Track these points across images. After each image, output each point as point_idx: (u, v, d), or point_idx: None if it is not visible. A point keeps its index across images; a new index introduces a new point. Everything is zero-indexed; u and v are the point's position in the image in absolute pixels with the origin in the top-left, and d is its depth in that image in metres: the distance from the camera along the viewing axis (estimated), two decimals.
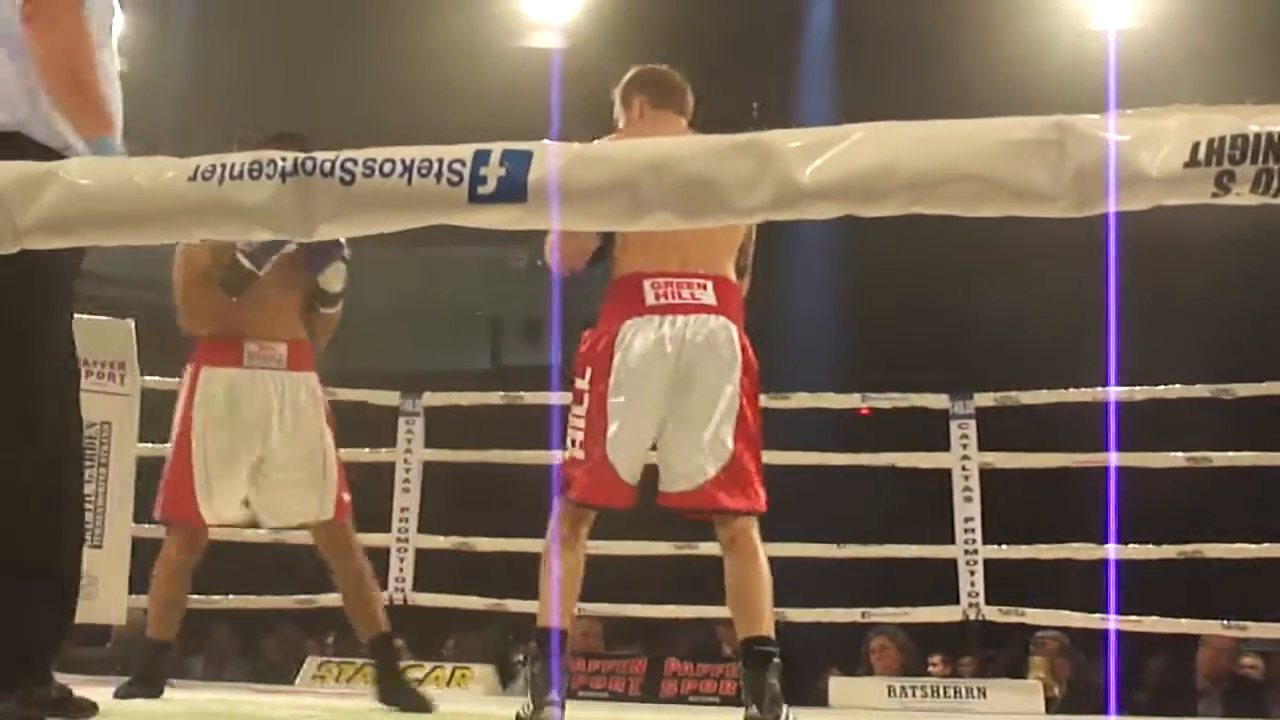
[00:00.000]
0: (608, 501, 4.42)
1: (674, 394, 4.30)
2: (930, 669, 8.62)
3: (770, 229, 3.65)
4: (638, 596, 7.93)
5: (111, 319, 7.61)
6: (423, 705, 5.30)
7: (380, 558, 8.03)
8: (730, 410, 4.32)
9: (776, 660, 4.19)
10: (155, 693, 5.47)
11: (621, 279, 4.39)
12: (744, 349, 4.39)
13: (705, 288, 4.35)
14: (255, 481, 5.45)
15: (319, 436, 5.45)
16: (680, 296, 4.33)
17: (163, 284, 5.69)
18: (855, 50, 12.67)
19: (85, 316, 7.43)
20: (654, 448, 4.40)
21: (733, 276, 4.45)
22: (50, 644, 3.66)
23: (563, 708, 4.21)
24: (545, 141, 2.18)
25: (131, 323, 7.66)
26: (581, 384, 4.41)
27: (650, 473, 4.45)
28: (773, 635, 4.26)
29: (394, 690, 5.39)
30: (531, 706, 4.22)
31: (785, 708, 4.10)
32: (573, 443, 4.44)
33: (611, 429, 4.31)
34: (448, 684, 7.39)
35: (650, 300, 4.32)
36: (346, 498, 5.48)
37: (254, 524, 5.93)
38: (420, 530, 7.82)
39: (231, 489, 5.41)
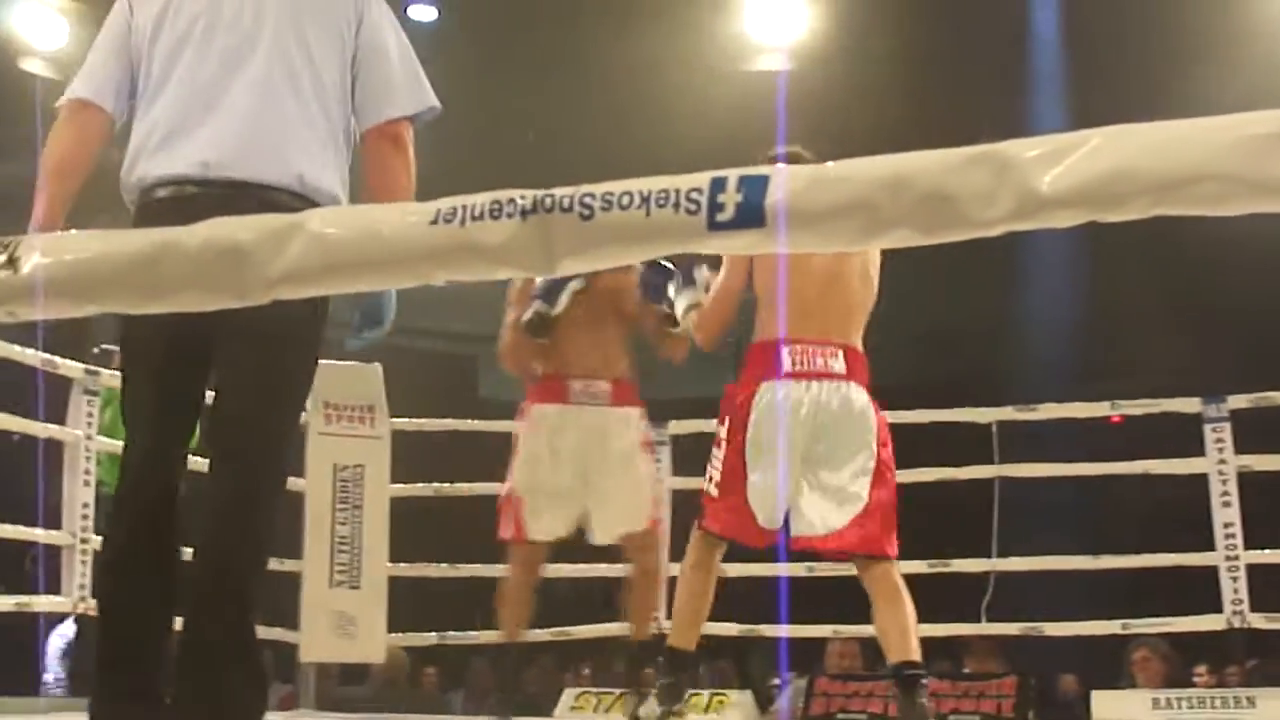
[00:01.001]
0: (741, 539, 4.93)
1: (809, 452, 4.72)
2: (1195, 679, 8.42)
3: (1008, 241, 3.61)
4: None
5: (359, 363, 7.78)
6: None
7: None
8: (865, 468, 4.72)
9: (925, 682, 4.68)
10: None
11: (760, 343, 4.82)
12: (876, 410, 4.81)
13: (837, 356, 4.77)
14: (584, 505, 5.92)
15: (636, 464, 5.90)
16: (814, 364, 4.74)
17: (403, 327, 5.87)
18: (1084, 57, 12.48)
19: (333, 362, 7.66)
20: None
21: (860, 346, 4.87)
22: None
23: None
24: (781, 165, 2.19)
25: (379, 366, 7.83)
26: (721, 431, 4.88)
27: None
28: (919, 659, 4.73)
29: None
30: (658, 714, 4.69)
31: None
32: (710, 479, 4.93)
33: (753, 478, 4.75)
34: (705, 710, 7.40)
35: (787, 366, 4.73)
36: (653, 516, 5.99)
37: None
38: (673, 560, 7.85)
39: (560, 511, 5.89)
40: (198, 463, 3.78)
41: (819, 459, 4.72)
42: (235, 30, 3.68)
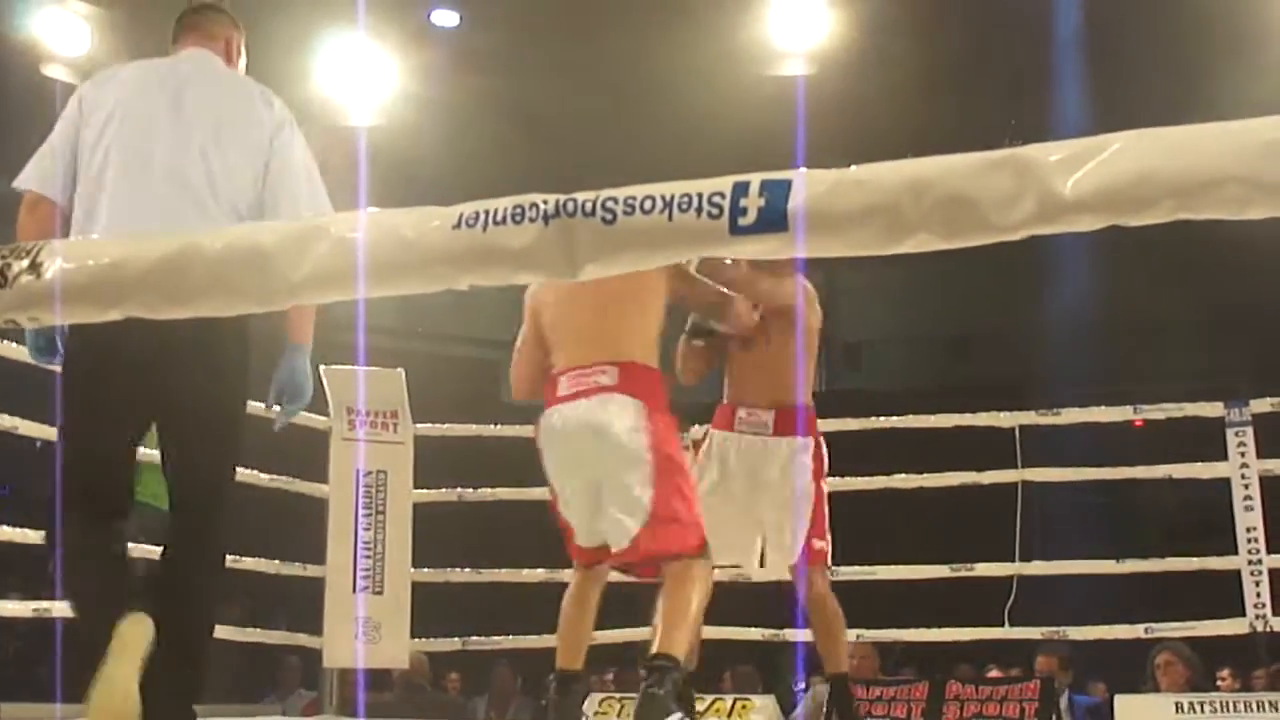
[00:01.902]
0: (578, 558, 5.12)
1: (590, 468, 4.85)
2: (1219, 684, 8.39)
3: (1030, 245, 3.61)
4: (913, 620, 7.89)
5: (383, 369, 7.79)
6: None
7: (656, 591, 8.08)
8: (645, 474, 4.75)
9: (671, 677, 4.55)
10: None
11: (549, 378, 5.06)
12: (653, 414, 4.78)
13: (606, 372, 4.81)
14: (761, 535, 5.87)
15: (796, 494, 5.75)
16: (586, 384, 4.84)
17: (427, 332, 5.93)
18: (1108, 61, 12.45)
19: (358, 367, 7.68)
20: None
21: (647, 361, 4.89)
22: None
23: None
24: (803, 169, 2.19)
25: (402, 371, 7.84)
26: None
27: None
28: (672, 654, 4.64)
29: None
30: None
31: None
32: None
33: (562, 499, 5.01)
34: (729, 716, 7.39)
35: (563, 391, 4.91)
36: (819, 544, 5.74)
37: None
38: None
39: (725, 539, 5.66)
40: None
41: (602, 472, 4.79)
42: (164, 146, 4.19)
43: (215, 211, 4.15)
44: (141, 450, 4.65)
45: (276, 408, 4.38)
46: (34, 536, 6.92)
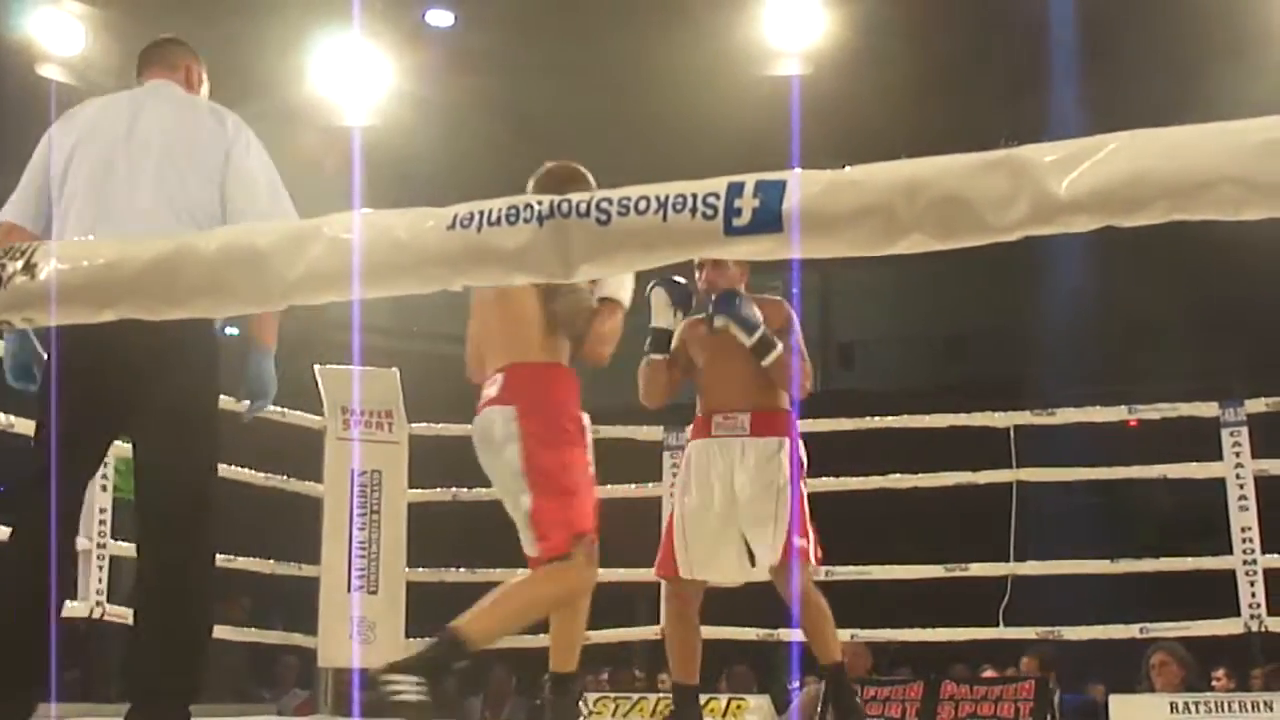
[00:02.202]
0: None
1: (494, 480, 5.08)
2: (1215, 684, 8.39)
3: (1025, 245, 3.61)
4: (908, 620, 7.89)
5: (378, 368, 7.79)
6: None
7: (651, 592, 8.10)
8: (519, 480, 4.90)
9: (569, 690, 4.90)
10: None
11: None
12: (522, 415, 4.87)
13: (495, 383, 4.97)
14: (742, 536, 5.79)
15: (775, 493, 5.71)
16: (483, 397, 5.04)
17: (422, 332, 5.94)
18: (1104, 61, 12.46)
19: (353, 367, 7.68)
20: None
21: (534, 359, 4.93)
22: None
23: None
24: (798, 170, 2.18)
25: (397, 371, 7.84)
26: None
27: None
28: (566, 672, 5.05)
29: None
30: None
31: None
32: None
33: None
34: (724, 716, 7.40)
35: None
36: (799, 542, 5.66)
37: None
38: None
39: (713, 547, 5.79)
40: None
41: (499, 486, 5.03)
42: (120, 175, 4.42)
43: (177, 231, 4.27)
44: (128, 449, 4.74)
45: (246, 403, 4.69)
46: None
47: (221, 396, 4.52)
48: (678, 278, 5.63)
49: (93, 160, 4.48)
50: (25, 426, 6.72)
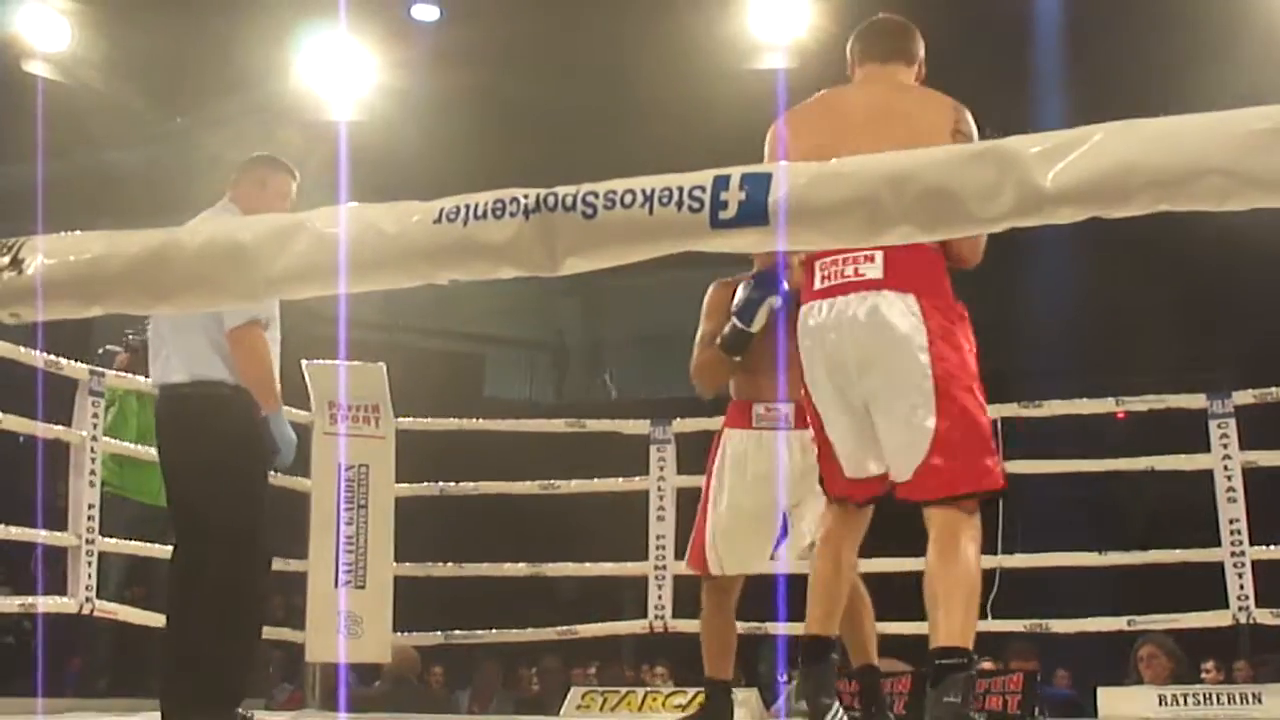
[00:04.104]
0: (837, 493, 4.30)
1: (853, 380, 4.08)
2: (1204, 675, 8.40)
3: (1012, 237, 3.60)
4: (897, 613, 7.89)
5: (364, 363, 7.79)
6: None
7: (639, 586, 8.10)
8: (921, 389, 4.01)
9: (963, 676, 3.84)
10: None
11: (804, 263, 4.25)
12: (929, 315, 4.03)
13: (873, 260, 4.02)
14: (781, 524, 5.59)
15: (813, 484, 5.54)
16: (843, 275, 4.05)
17: (409, 327, 5.96)
18: (1088, 56, 12.47)
19: (340, 361, 7.67)
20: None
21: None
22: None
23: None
24: (783, 162, 2.18)
25: (383, 366, 7.83)
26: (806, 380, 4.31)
27: None
28: (962, 645, 3.89)
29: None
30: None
31: None
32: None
33: (825, 423, 4.23)
34: None
35: (818, 284, 4.13)
36: None
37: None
38: (677, 557, 7.85)
39: (750, 544, 5.54)
40: None
41: (883, 391, 4.08)
42: None
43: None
44: (128, 445, 4.87)
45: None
46: (15, 533, 6.92)
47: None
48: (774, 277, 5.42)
49: None
50: (13, 424, 6.75)
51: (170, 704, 5.02)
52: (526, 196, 2.29)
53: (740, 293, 5.35)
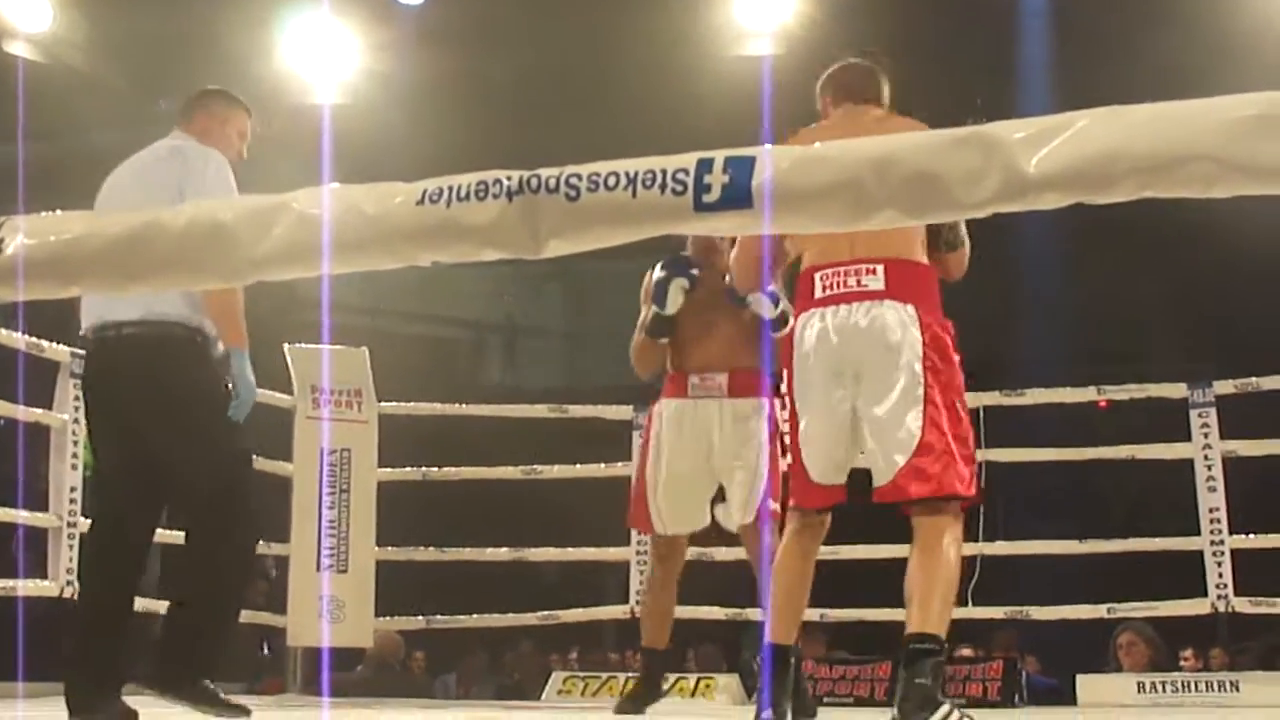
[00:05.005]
0: (803, 504, 4.33)
1: (848, 385, 4.16)
2: (1182, 663, 8.43)
3: (996, 224, 3.60)
4: (878, 600, 7.90)
5: (347, 347, 7.78)
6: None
7: (620, 571, 8.11)
8: (912, 395, 4.12)
9: (933, 660, 3.91)
10: (653, 698, 5.98)
11: (800, 274, 4.35)
12: (926, 327, 4.16)
13: (874, 273, 4.16)
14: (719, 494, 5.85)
15: (753, 452, 5.74)
16: (845, 285, 4.19)
17: (392, 310, 5.97)
18: (1075, 43, 12.46)
19: (322, 346, 7.67)
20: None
21: (914, 257, 4.25)
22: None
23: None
24: (767, 146, 2.18)
25: (366, 350, 7.83)
26: (784, 387, 4.39)
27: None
28: (935, 633, 3.97)
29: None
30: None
31: (943, 709, 3.83)
32: (784, 449, 4.55)
33: (801, 425, 4.27)
34: (693, 695, 7.41)
35: (819, 293, 4.23)
36: (774, 505, 5.61)
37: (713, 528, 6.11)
38: None
39: (688, 504, 5.83)
40: None
41: (860, 393, 4.17)
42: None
43: None
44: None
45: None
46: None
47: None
48: (689, 259, 5.73)
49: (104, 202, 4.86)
50: None
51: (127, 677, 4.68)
52: (510, 178, 2.28)
53: (651, 278, 5.73)
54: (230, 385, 4.76)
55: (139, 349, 4.67)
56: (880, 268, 4.16)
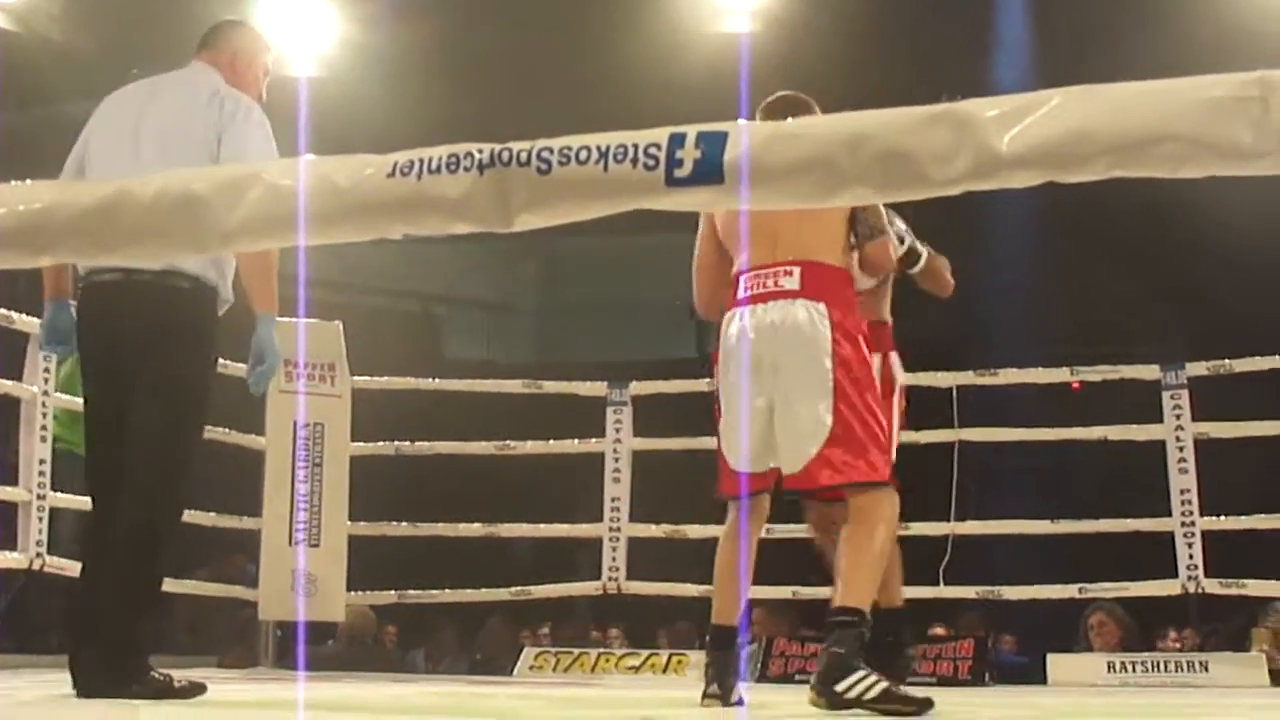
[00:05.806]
0: (729, 492, 4.51)
1: (765, 378, 4.37)
2: (1158, 644, 8.46)
3: (969, 202, 3.61)
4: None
5: (321, 321, 7.75)
6: None
7: (593, 547, 8.11)
8: (823, 388, 4.33)
9: (853, 632, 4.12)
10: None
11: (732, 277, 4.55)
12: (836, 324, 4.37)
13: (791, 274, 4.40)
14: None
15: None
16: (765, 286, 4.42)
17: (366, 285, 5.93)
18: (1051, 21, 12.47)
19: (297, 319, 7.64)
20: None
21: (830, 260, 4.46)
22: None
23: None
24: (740, 121, 2.17)
25: (340, 324, 7.81)
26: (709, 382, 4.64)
27: None
28: (856, 606, 4.18)
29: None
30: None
31: (855, 675, 4.01)
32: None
33: (722, 417, 4.51)
34: (664, 671, 7.42)
35: (742, 294, 4.46)
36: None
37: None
38: (631, 519, 7.87)
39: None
40: None
41: (777, 387, 4.37)
42: (121, 165, 4.52)
43: None
44: (79, 401, 4.80)
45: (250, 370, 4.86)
46: None
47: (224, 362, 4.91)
48: None
49: (106, 148, 4.71)
50: None
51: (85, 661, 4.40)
52: (481, 151, 2.28)
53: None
54: (253, 351, 4.79)
55: (142, 297, 4.44)
56: (797, 269, 4.40)
